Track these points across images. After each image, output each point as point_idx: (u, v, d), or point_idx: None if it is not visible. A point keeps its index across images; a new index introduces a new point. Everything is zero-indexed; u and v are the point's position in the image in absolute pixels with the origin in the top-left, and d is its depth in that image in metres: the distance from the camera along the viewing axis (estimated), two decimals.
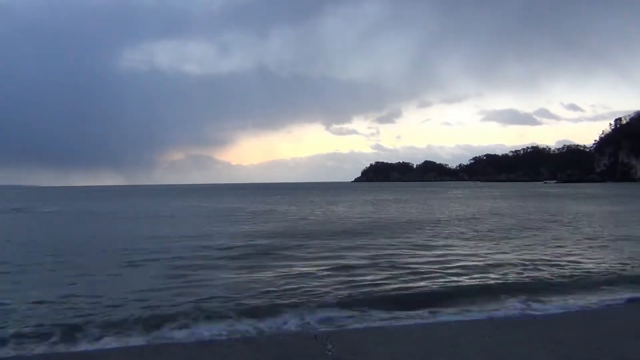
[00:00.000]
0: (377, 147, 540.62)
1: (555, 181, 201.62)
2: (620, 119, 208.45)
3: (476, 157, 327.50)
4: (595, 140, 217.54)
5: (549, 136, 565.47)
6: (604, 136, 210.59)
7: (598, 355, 6.00)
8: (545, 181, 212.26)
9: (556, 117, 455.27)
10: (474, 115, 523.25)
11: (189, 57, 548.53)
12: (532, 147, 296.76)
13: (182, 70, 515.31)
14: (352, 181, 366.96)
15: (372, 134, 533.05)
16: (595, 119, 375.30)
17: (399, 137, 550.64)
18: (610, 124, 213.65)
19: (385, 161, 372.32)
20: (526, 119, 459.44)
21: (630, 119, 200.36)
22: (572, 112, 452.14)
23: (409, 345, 6.64)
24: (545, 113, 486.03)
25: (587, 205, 45.06)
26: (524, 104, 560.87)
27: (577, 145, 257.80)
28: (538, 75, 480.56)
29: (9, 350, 6.91)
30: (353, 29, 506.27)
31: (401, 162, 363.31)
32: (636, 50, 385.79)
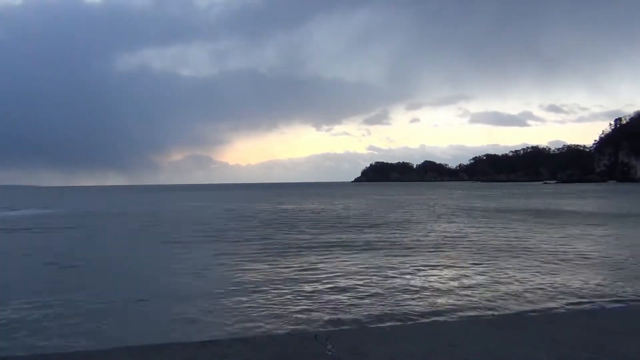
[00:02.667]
0: (372, 147, 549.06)
1: (555, 181, 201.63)
2: (620, 119, 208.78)
3: (476, 157, 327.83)
4: (595, 140, 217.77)
5: (540, 137, 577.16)
6: (604, 136, 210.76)
7: (598, 355, 6.00)
8: (545, 181, 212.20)
9: (541, 119, 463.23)
10: (460, 117, 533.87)
11: (188, 62, 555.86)
12: (532, 147, 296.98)
13: (181, 74, 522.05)
14: (352, 181, 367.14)
15: (363, 135, 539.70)
16: (579, 120, 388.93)
17: (389, 138, 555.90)
18: (610, 124, 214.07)
19: (383, 161, 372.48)
20: (512, 121, 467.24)
21: (630, 119, 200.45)
22: (554, 114, 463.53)
23: (409, 345, 6.64)
24: (530, 115, 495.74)
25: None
26: (505, 107, 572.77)
27: (577, 145, 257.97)
28: (510, 80, 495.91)
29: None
30: (342, 36, 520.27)
31: (401, 162, 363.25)
32: (597, 58, 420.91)
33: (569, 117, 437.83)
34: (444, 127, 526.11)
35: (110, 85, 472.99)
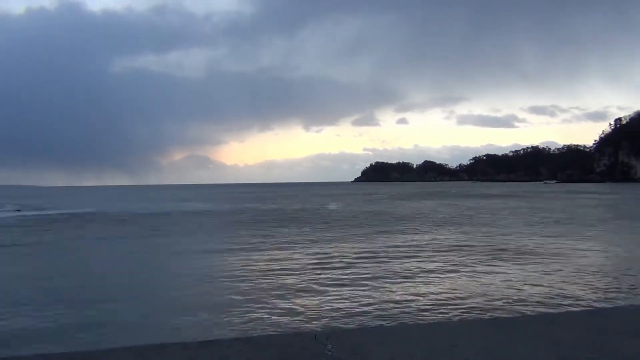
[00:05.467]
0: (367, 148, 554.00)
1: (555, 181, 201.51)
2: (620, 119, 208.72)
3: (476, 157, 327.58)
4: (595, 141, 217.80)
5: (529, 137, 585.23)
6: (604, 136, 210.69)
7: (598, 355, 5.99)
8: (545, 181, 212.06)
9: (526, 121, 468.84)
10: (446, 119, 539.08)
11: (186, 66, 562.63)
12: (532, 147, 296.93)
13: (180, 77, 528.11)
14: (352, 181, 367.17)
15: (354, 136, 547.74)
16: (563, 122, 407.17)
17: (380, 139, 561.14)
18: (610, 124, 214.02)
19: (382, 161, 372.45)
20: (499, 122, 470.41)
21: (630, 119, 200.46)
22: (536, 115, 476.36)
23: (409, 345, 6.63)
24: (515, 117, 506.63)
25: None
26: (489, 109, 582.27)
27: (577, 145, 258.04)
28: (491, 84, 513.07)
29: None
30: (333, 42, 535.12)
31: (401, 162, 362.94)
32: (570, 65, 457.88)
33: (553, 119, 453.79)
34: (433, 128, 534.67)
35: (109, 88, 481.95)
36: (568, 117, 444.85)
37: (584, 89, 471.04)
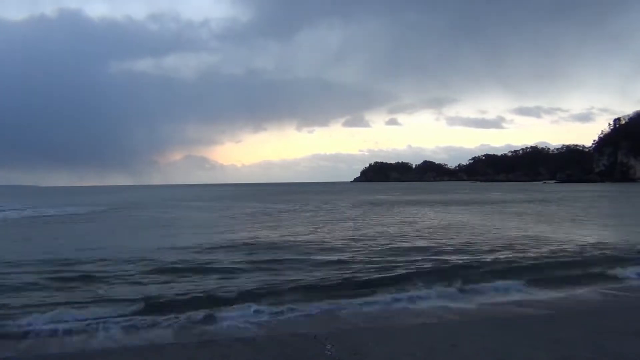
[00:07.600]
0: (362, 148, 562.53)
1: (554, 181, 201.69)
2: (619, 119, 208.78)
3: (475, 157, 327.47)
4: (595, 141, 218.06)
5: (520, 138, 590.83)
6: (603, 136, 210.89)
7: (598, 355, 6.00)
8: (544, 181, 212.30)
9: (515, 122, 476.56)
10: (436, 120, 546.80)
11: (184, 69, 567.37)
12: (532, 147, 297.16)
13: (178, 80, 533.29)
14: (351, 181, 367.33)
15: (347, 137, 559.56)
16: (553, 122, 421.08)
17: (373, 139, 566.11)
18: (610, 124, 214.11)
19: (381, 161, 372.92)
20: (488, 123, 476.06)
21: (629, 119, 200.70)
22: (522, 117, 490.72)
23: (409, 345, 6.64)
24: (503, 118, 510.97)
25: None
26: (475, 111, 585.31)
27: (576, 145, 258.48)
28: (476, 87, 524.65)
29: None
30: (326, 46, 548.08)
31: (400, 162, 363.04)
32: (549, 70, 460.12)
33: (539, 120, 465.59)
34: (424, 129, 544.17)
35: (109, 91, 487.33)
36: (555, 119, 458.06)
37: (565, 91, 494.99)
